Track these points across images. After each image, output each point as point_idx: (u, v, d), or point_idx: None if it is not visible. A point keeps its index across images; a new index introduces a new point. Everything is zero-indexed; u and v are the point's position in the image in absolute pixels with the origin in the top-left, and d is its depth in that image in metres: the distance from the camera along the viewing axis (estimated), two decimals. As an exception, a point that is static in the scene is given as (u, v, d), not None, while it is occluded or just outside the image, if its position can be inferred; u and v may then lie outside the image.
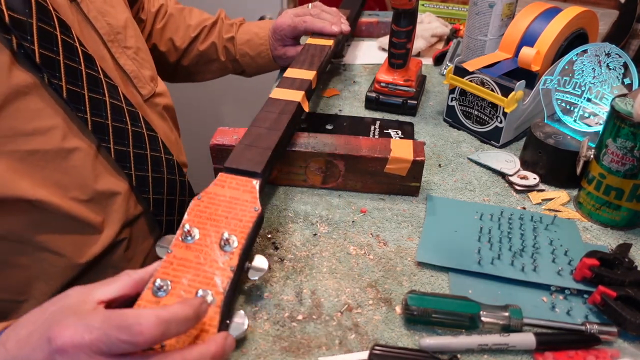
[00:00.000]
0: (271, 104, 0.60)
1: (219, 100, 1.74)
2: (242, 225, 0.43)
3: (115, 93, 0.56)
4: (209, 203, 0.45)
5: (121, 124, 0.56)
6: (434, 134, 0.72)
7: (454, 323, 0.43)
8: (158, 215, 0.62)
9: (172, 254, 0.41)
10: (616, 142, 0.51)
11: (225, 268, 0.40)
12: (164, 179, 0.62)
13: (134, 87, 0.62)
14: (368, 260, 0.51)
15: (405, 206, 0.58)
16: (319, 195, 0.60)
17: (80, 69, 0.51)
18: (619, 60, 0.58)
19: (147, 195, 0.59)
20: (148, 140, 0.59)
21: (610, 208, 0.54)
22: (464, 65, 0.68)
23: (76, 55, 0.51)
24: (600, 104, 0.61)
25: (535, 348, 0.41)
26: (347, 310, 0.46)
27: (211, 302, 0.38)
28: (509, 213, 0.56)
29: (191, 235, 0.42)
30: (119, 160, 0.55)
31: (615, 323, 0.43)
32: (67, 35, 0.50)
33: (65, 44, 0.50)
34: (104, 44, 0.58)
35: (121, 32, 0.61)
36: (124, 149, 0.56)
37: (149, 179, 0.59)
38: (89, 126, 0.52)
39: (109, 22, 0.59)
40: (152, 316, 0.32)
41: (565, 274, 0.48)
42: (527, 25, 0.70)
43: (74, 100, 0.50)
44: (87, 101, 0.52)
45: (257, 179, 0.47)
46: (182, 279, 0.39)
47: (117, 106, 0.55)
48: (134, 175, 0.57)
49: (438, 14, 1.05)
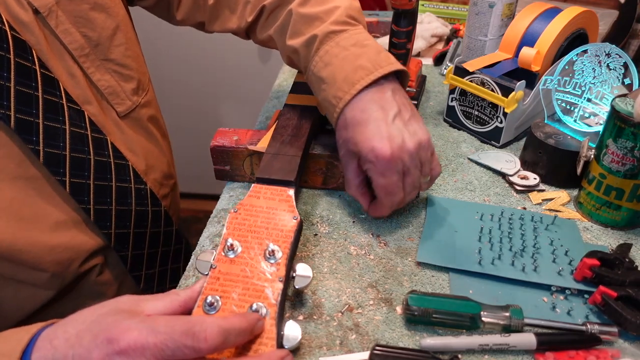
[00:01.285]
0: (289, 110, 0.60)
1: (219, 101, 1.75)
2: (284, 235, 0.43)
3: (79, 120, 0.52)
4: (246, 215, 0.45)
5: (81, 154, 0.52)
6: (434, 134, 0.72)
7: (454, 323, 0.43)
8: (121, 250, 0.58)
9: (216, 269, 0.40)
10: (616, 142, 0.51)
11: (273, 279, 0.40)
12: (131, 211, 0.58)
13: (109, 104, 0.58)
14: (368, 260, 0.51)
15: (406, 206, 0.58)
16: (320, 195, 0.60)
17: (37, 95, 0.47)
18: (619, 61, 0.58)
19: (107, 230, 0.56)
20: (115, 170, 0.56)
21: (611, 208, 0.55)
22: (464, 65, 0.68)
23: (33, 79, 0.47)
24: (601, 104, 0.61)
25: (536, 348, 0.41)
26: (348, 310, 0.46)
27: (265, 314, 0.38)
28: (510, 213, 0.56)
29: (233, 249, 0.42)
30: (75, 193, 0.52)
31: (616, 323, 0.43)
32: (24, 57, 0.47)
33: (20, 68, 0.46)
34: (74, 60, 0.53)
35: (103, 43, 0.55)
36: (82, 181, 0.52)
37: (111, 212, 0.56)
38: (40, 158, 0.48)
39: (86, 33, 0.53)
40: (215, 324, 0.33)
41: (566, 274, 0.48)
42: (527, 25, 0.70)
43: (24, 131, 0.47)
44: (42, 130, 0.48)
45: (291, 188, 0.47)
46: (231, 294, 0.39)
47: (79, 134, 0.52)
48: (93, 209, 0.53)
49: (438, 14, 1.05)
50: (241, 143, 0.58)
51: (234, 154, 0.59)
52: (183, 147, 1.51)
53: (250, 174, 0.61)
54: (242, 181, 0.62)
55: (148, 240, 0.62)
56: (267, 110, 0.79)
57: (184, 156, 1.52)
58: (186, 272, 0.51)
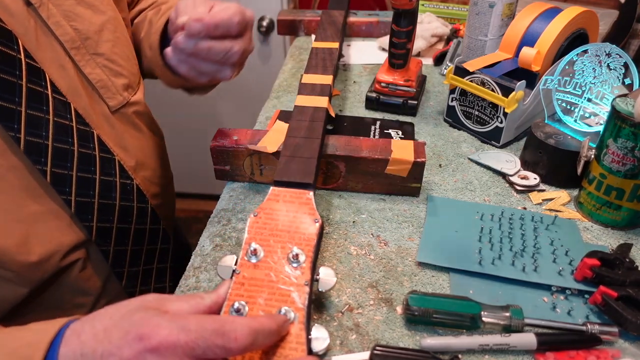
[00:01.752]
0: (300, 112, 0.59)
1: (219, 100, 1.75)
2: (307, 238, 0.43)
3: (65, 111, 0.52)
4: (267, 219, 0.44)
5: (65, 145, 0.51)
6: (435, 134, 0.72)
7: (455, 323, 0.43)
8: (102, 245, 0.57)
9: (240, 274, 0.40)
10: (617, 142, 0.51)
11: (299, 283, 0.40)
12: (115, 206, 0.57)
13: (101, 98, 0.57)
14: (369, 260, 0.51)
15: (406, 206, 0.58)
16: (320, 195, 0.60)
17: (20, 83, 0.47)
18: (620, 60, 0.58)
19: (89, 223, 0.55)
20: (99, 163, 0.55)
21: (611, 208, 0.54)
22: (464, 65, 0.68)
23: (17, 68, 0.47)
24: (601, 104, 0.61)
25: (536, 348, 0.42)
26: (348, 310, 0.46)
27: (293, 319, 0.38)
28: (510, 213, 0.56)
29: (256, 254, 0.41)
30: (55, 184, 0.51)
31: (616, 323, 0.43)
32: (8, 46, 0.46)
33: (3, 56, 0.46)
34: (66, 52, 0.53)
35: (92, 37, 0.55)
36: (64, 172, 0.51)
37: (93, 205, 0.55)
38: (21, 146, 0.47)
39: (76, 27, 0.54)
40: (245, 324, 0.33)
41: (566, 274, 0.48)
42: (528, 25, 0.70)
43: (5, 118, 0.46)
44: (24, 118, 0.47)
45: (310, 190, 0.47)
46: (257, 299, 0.39)
47: (63, 125, 0.51)
48: (74, 201, 0.53)
49: (438, 14, 1.05)
50: (241, 143, 0.58)
51: (234, 154, 0.59)
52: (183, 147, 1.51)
53: (250, 173, 0.61)
54: (242, 181, 0.62)
55: (132, 237, 0.61)
56: (267, 110, 0.79)
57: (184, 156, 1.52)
58: (186, 272, 0.51)
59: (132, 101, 0.62)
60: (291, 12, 1.12)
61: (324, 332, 0.39)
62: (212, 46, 0.51)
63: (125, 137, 0.61)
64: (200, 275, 0.50)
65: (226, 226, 0.56)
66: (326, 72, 0.68)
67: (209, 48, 0.51)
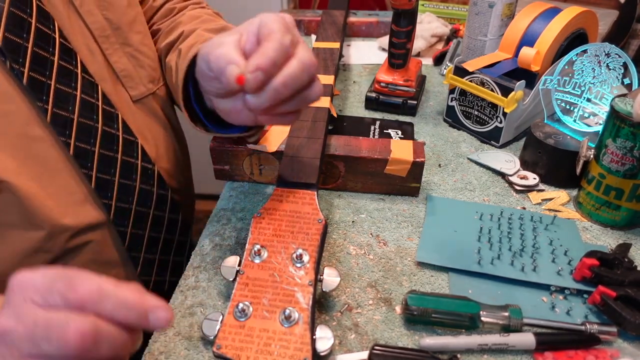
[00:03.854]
0: None
1: (219, 101, 1.74)
2: (310, 238, 0.43)
3: (92, 90, 0.53)
4: (270, 219, 0.45)
5: (89, 121, 0.52)
6: (434, 134, 0.72)
7: (453, 323, 0.43)
8: (120, 225, 0.56)
9: (244, 275, 0.40)
10: (616, 142, 0.51)
11: (303, 283, 0.40)
12: (135, 187, 0.57)
13: (123, 87, 0.59)
14: (368, 260, 0.51)
15: (405, 206, 0.59)
16: (319, 195, 0.60)
17: (52, 59, 0.49)
18: (619, 61, 0.58)
19: (108, 201, 0.55)
20: (122, 144, 0.56)
21: (610, 208, 0.55)
22: (464, 65, 0.68)
23: (51, 45, 0.49)
24: (600, 104, 0.61)
25: (535, 348, 0.42)
26: (347, 310, 0.46)
27: (297, 319, 0.38)
28: (509, 213, 0.56)
29: (260, 254, 0.42)
30: (78, 157, 0.51)
31: (615, 323, 0.43)
32: (45, 25, 0.49)
33: (40, 33, 0.48)
34: (94, 39, 0.55)
35: (122, 27, 0.58)
36: (87, 147, 0.52)
37: (113, 184, 0.55)
38: (47, 117, 0.49)
39: (107, 16, 0.56)
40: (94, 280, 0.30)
41: (565, 273, 0.48)
42: (527, 25, 0.70)
43: (35, 89, 0.48)
44: (52, 92, 0.49)
45: (313, 190, 0.47)
46: (262, 300, 0.39)
47: (89, 102, 0.52)
48: (94, 177, 0.53)
49: (438, 14, 1.05)
50: (241, 143, 0.59)
51: (234, 153, 0.59)
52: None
53: (250, 173, 0.61)
54: (242, 181, 0.63)
55: (150, 222, 0.61)
56: (267, 110, 0.79)
57: (184, 156, 1.52)
58: (186, 271, 0.51)
59: (158, 93, 0.64)
60: (291, 12, 1.12)
61: (328, 332, 0.39)
62: (286, 80, 0.38)
63: (145, 127, 0.62)
64: (200, 275, 0.50)
65: (226, 226, 0.56)
66: (327, 72, 0.69)
67: (284, 84, 0.38)
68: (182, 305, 0.47)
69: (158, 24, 0.69)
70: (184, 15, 0.68)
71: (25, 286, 0.30)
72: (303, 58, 0.39)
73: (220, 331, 0.38)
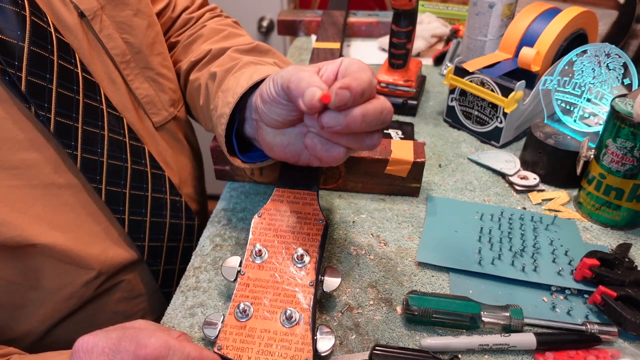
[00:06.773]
0: None
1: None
2: (311, 238, 0.43)
3: (118, 126, 0.51)
4: (271, 220, 0.45)
5: (118, 162, 0.51)
6: (434, 134, 0.73)
7: (454, 323, 0.43)
8: (153, 265, 0.56)
9: (245, 275, 0.40)
10: (616, 142, 0.51)
11: (304, 284, 0.40)
12: (165, 224, 0.57)
13: (146, 114, 0.57)
14: (368, 260, 0.51)
15: (406, 206, 0.59)
16: (320, 195, 0.60)
17: (78, 98, 0.46)
18: (619, 61, 0.58)
19: (141, 243, 0.54)
20: (151, 180, 0.55)
21: (610, 208, 0.55)
22: (464, 65, 0.68)
23: (75, 83, 0.46)
24: (600, 104, 0.61)
25: (536, 348, 0.42)
26: (348, 310, 0.46)
27: (298, 319, 0.38)
28: (509, 213, 0.56)
29: (261, 255, 0.42)
30: (110, 202, 0.50)
31: (616, 323, 0.43)
32: (67, 60, 0.46)
33: (62, 70, 0.45)
34: (115, 66, 0.53)
35: (144, 50, 0.55)
36: (118, 189, 0.51)
37: (146, 224, 0.54)
38: (77, 164, 0.47)
39: (128, 40, 0.53)
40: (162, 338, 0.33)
41: (566, 274, 0.49)
42: (527, 25, 0.70)
43: (63, 135, 0.45)
44: (80, 135, 0.47)
45: (314, 190, 0.47)
46: (262, 300, 0.39)
47: (117, 141, 0.51)
48: (127, 220, 0.52)
49: (438, 14, 1.05)
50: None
51: (234, 154, 0.59)
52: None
53: (251, 174, 0.61)
54: (242, 181, 0.63)
55: (180, 255, 0.60)
56: (267, 110, 0.79)
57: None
58: (186, 272, 0.51)
59: (178, 116, 0.62)
60: (291, 12, 1.12)
61: (330, 333, 0.39)
62: (366, 112, 0.36)
63: (168, 154, 0.60)
64: (200, 275, 0.50)
65: (226, 226, 0.56)
66: None
67: (363, 115, 0.36)
68: (183, 306, 0.47)
69: (176, 35, 0.67)
70: (204, 28, 0.66)
71: (91, 350, 0.32)
72: (385, 102, 0.37)
73: (221, 332, 0.38)
